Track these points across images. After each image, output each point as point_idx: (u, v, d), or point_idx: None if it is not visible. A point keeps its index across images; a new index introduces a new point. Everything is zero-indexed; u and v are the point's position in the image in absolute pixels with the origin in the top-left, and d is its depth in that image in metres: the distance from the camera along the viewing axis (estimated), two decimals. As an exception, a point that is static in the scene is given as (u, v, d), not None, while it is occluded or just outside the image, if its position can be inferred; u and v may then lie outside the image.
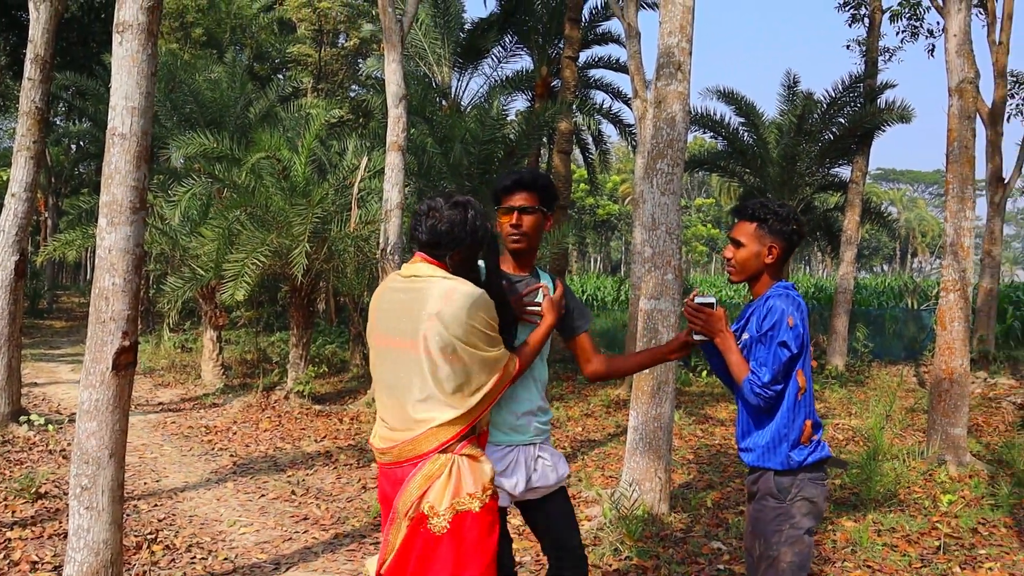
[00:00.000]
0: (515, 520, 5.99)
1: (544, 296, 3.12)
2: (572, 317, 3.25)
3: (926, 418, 8.73)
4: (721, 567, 5.09)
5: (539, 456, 3.15)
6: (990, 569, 5.15)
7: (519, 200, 3.08)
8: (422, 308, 2.69)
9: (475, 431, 2.79)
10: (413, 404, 2.70)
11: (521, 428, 3.11)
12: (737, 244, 3.08)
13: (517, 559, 5.19)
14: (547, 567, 3.29)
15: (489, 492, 2.74)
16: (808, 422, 3.02)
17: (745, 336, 3.05)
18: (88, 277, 43.26)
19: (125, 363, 3.94)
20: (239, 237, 10.35)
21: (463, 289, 2.70)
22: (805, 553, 2.99)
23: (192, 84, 14.86)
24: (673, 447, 7.72)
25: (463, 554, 2.66)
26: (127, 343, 3.93)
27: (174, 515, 6.13)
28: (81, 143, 29.16)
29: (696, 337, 3.11)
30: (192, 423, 9.80)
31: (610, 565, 5.06)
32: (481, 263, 2.92)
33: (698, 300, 3.09)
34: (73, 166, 30.71)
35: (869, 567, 5.16)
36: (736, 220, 3.16)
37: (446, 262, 2.79)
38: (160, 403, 11.11)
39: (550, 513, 3.22)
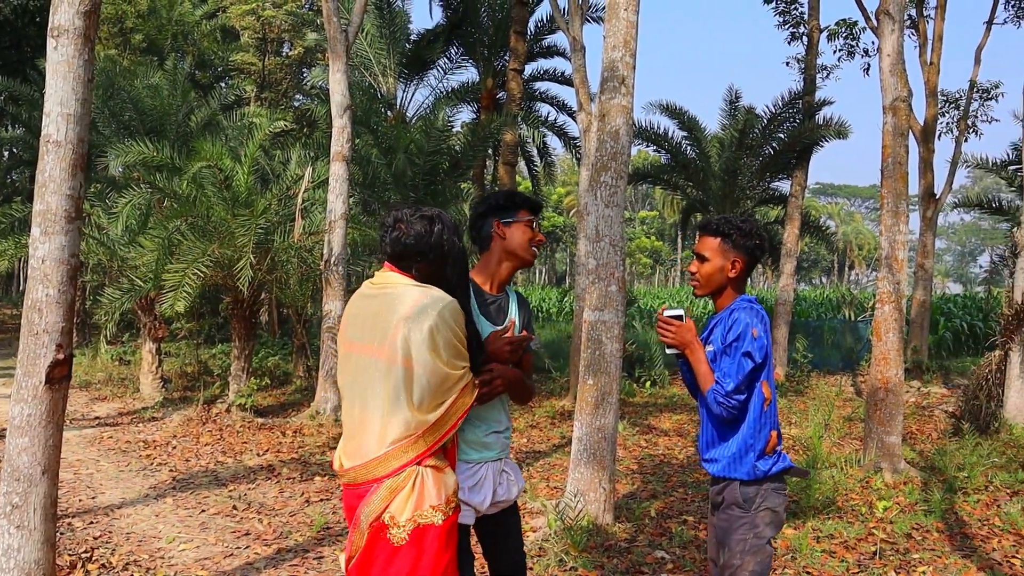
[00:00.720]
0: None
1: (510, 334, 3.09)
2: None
3: (863, 427, 8.93)
4: (665, 575, 5.14)
5: (504, 471, 3.17)
6: (923, 573, 5.29)
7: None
8: (392, 313, 2.68)
9: (443, 446, 2.76)
10: (379, 415, 2.66)
11: (490, 445, 3.12)
12: (702, 258, 3.16)
13: None
14: None
15: (452, 505, 2.72)
16: (774, 432, 3.09)
17: (710, 348, 3.12)
18: (21, 288, 42.02)
19: (59, 376, 3.84)
20: (180, 247, 10.17)
21: (435, 294, 2.70)
22: (767, 563, 3.05)
23: (131, 91, 14.59)
24: (617, 458, 7.77)
25: (421, 567, 2.64)
26: (61, 356, 3.83)
27: (110, 532, 5.98)
28: (14, 150, 28.37)
29: (667, 350, 3.19)
30: (130, 438, 9.57)
31: (555, 576, 5.06)
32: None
33: (667, 313, 3.17)
34: (5, 174, 29.84)
35: (808, 573, 5.25)
36: (700, 235, 3.23)
37: (412, 274, 2.78)
38: (97, 417, 10.83)
39: (509, 527, 3.24)
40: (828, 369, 18.47)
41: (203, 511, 6.64)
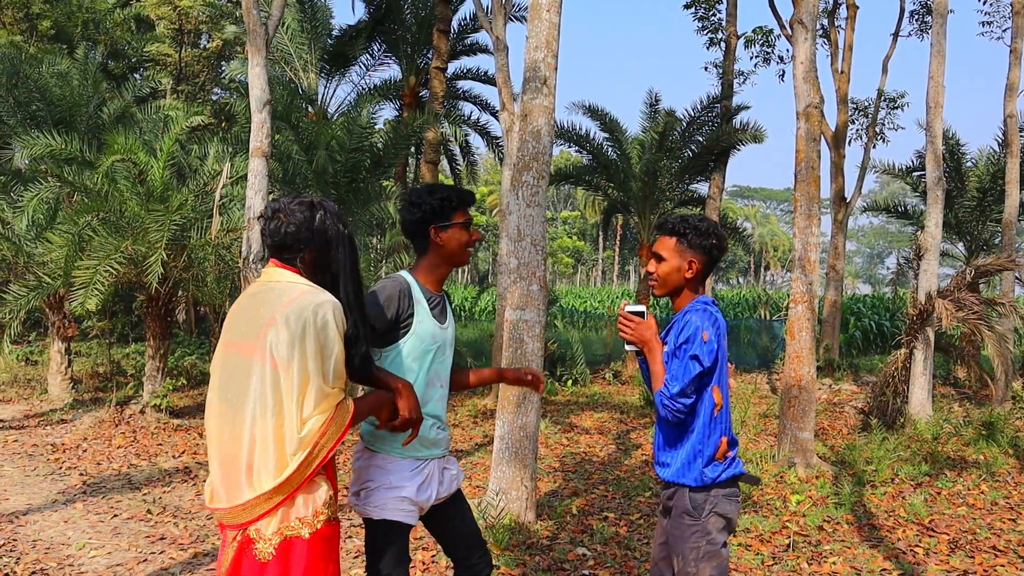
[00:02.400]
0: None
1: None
2: None
3: (778, 423, 9.19)
4: (586, 572, 5.20)
5: (445, 468, 3.20)
6: (834, 563, 5.47)
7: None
8: (268, 307, 2.53)
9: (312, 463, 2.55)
10: (247, 424, 2.47)
11: (438, 442, 3.14)
12: (659, 258, 3.14)
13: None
14: (457, 570, 3.28)
15: (322, 518, 2.56)
16: (724, 439, 3.06)
17: (665, 348, 3.10)
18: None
19: (-39, 378, 3.67)
20: (91, 243, 9.82)
21: (312, 291, 2.56)
22: (723, 567, 3.04)
23: (38, 79, 13.98)
24: (539, 456, 7.84)
25: None
26: (-37, 356, 3.66)
27: (15, 540, 5.74)
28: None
29: (627, 347, 3.16)
30: (37, 441, 9.20)
31: (477, 575, 5.06)
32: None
33: (628, 308, 3.14)
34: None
35: (724, 567, 5.38)
36: (658, 234, 3.23)
37: (298, 266, 2.65)
38: (0, 420, 10.38)
39: (462, 512, 3.27)
40: (744, 367, 18.96)
41: (115, 516, 6.43)
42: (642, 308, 3.14)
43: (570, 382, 14.94)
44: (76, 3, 23.10)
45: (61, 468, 8.03)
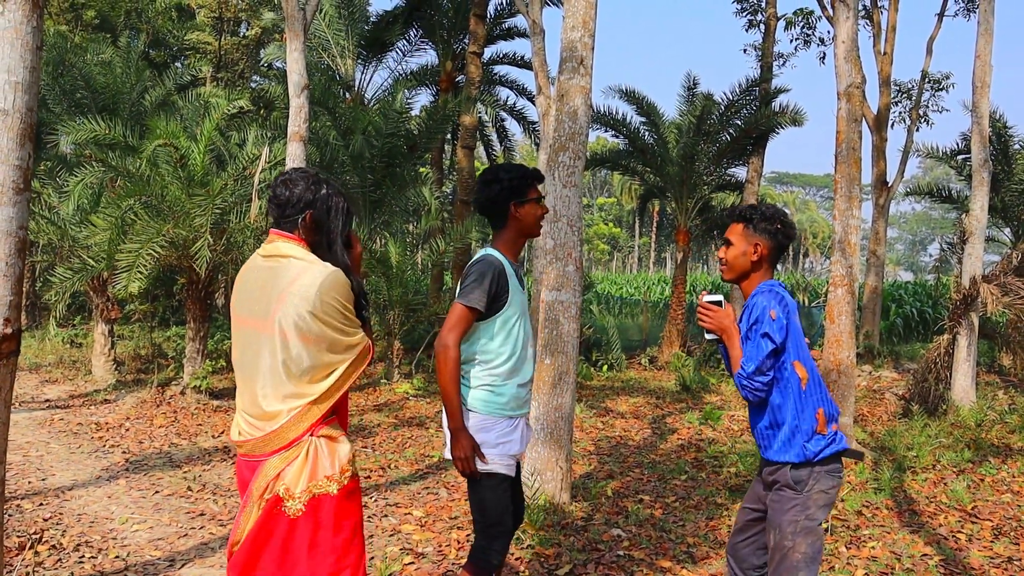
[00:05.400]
0: (418, 512, 5.98)
1: None
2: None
3: (815, 408, 9.08)
4: (621, 553, 5.19)
5: (528, 425, 3.50)
6: (873, 547, 5.41)
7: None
8: (275, 287, 2.68)
9: (334, 412, 2.77)
10: (264, 388, 2.66)
11: (525, 402, 3.42)
12: (728, 244, 3.27)
13: (420, 550, 5.18)
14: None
15: (348, 474, 2.70)
16: (820, 411, 3.09)
17: (739, 335, 3.19)
18: (-33, 270, 40.89)
19: (7, 352, 3.75)
20: (133, 227, 9.98)
21: (316, 268, 2.69)
22: (818, 544, 3.06)
23: (83, 68, 14.23)
24: (574, 439, 7.83)
25: (322, 539, 2.62)
26: (9, 330, 3.74)
27: (61, 514, 5.88)
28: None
29: (707, 335, 3.25)
30: (82, 420, 9.40)
31: (512, 554, 5.09)
32: None
33: (706, 299, 3.26)
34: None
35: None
36: (728, 221, 3.34)
37: (299, 232, 2.78)
38: (47, 400, 10.61)
39: (519, 479, 3.54)
40: (783, 354, 18.76)
41: (157, 492, 6.56)
42: (720, 297, 3.25)
43: (605, 367, 14.90)
44: (119, -8, 23.38)
45: (105, 446, 8.19)
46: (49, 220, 11.30)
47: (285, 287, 2.65)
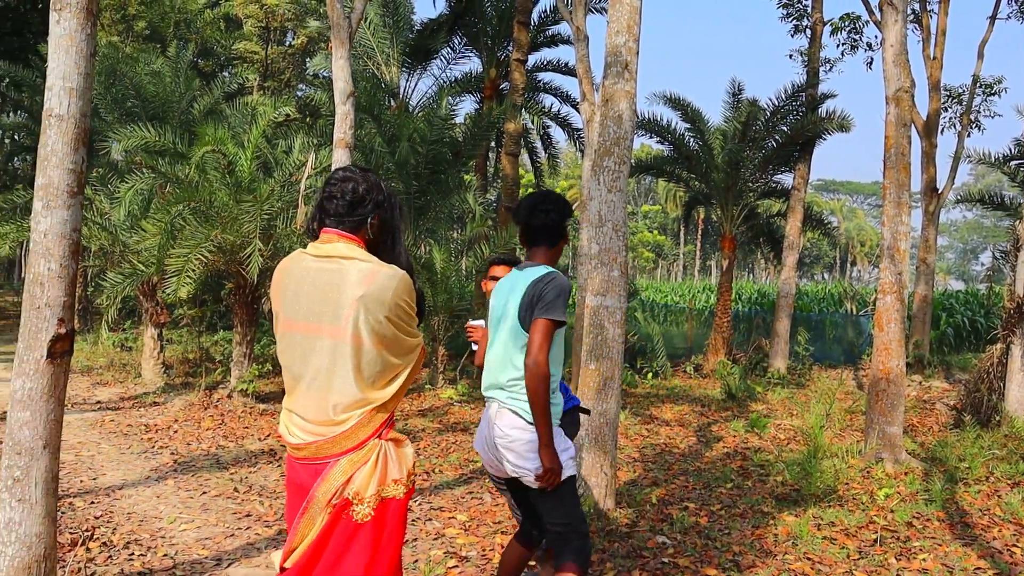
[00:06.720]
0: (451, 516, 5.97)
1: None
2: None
3: (864, 419, 8.93)
4: (665, 560, 5.14)
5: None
6: (923, 560, 5.29)
7: None
8: (342, 291, 2.56)
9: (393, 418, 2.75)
10: (334, 395, 2.56)
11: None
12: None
13: (463, 554, 5.18)
14: (543, 540, 3.73)
15: (413, 478, 2.68)
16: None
17: None
18: (22, 275, 41.93)
19: (60, 351, 3.83)
20: (182, 232, 10.16)
21: (385, 271, 2.60)
22: None
23: (134, 77, 14.54)
24: (619, 446, 7.78)
25: (383, 542, 2.58)
26: (63, 331, 3.82)
27: (111, 512, 5.98)
28: (16, 136, 28.34)
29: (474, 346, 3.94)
30: (131, 421, 9.57)
31: (555, 559, 5.05)
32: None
33: (472, 323, 4.10)
34: (7, 160, 29.81)
35: (809, 559, 5.25)
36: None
37: (364, 233, 2.70)
38: (98, 401, 10.83)
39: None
40: (830, 363, 18.48)
41: (204, 493, 6.64)
42: (481, 322, 3.91)
43: (650, 375, 14.79)
44: (169, 4, 23.91)
45: (154, 447, 8.32)
46: (101, 226, 11.54)
47: (357, 291, 2.55)
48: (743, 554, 5.31)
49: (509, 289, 3.58)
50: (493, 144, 21.41)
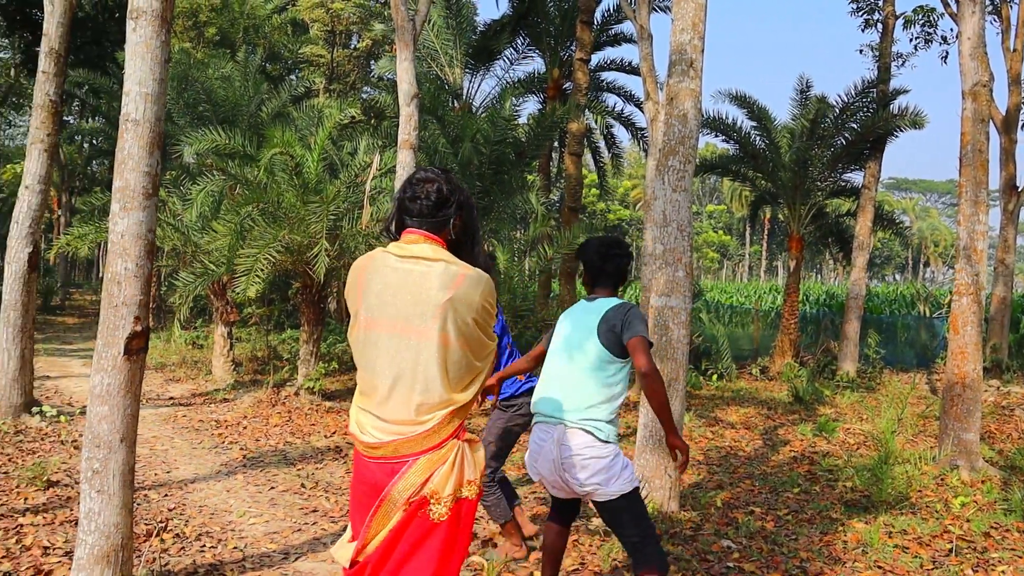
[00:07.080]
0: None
1: None
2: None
3: (938, 425, 8.68)
4: (731, 564, 5.07)
5: None
6: (1002, 572, 5.11)
7: None
8: (431, 293, 2.56)
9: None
10: (418, 395, 2.56)
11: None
12: None
13: (512, 555, 5.18)
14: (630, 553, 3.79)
15: (483, 479, 2.79)
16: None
17: None
18: (100, 275, 43.40)
19: (137, 348, 3.95)
20: (251, 233, 10.37)
21: (472, 274, 2.60)
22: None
23: (205, 82, 14.89)
24: (682, 447, 7.68)
25: (454, 541, 2.60)
26: (139, 328, 3.93)
27: (184, 505, 6.14)
28: (94, 141, 29.29)
29: None
30: (203, 417, 9.82)
31: (619, 560, 5.03)
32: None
33: None
34: (86, 164, 30.85)
35: (880, 568, 5.12)
36: None
37: (447, 233, 2.70)
38: (171, 397, 11.14)
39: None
40: (902, 366, 18.01)
41: (272, 488, 6.77)
42: None
43: (715, 377, 14.60)
44: (238, 10, 24.43)
45: (224, 442, 8.52)
46: (174, 227, 11.85)
47: (447, 293, 2.56)
48: (811, 561, 5.21)
49: (581, 317, 3.80)
50: (556, 144, 21.38)
